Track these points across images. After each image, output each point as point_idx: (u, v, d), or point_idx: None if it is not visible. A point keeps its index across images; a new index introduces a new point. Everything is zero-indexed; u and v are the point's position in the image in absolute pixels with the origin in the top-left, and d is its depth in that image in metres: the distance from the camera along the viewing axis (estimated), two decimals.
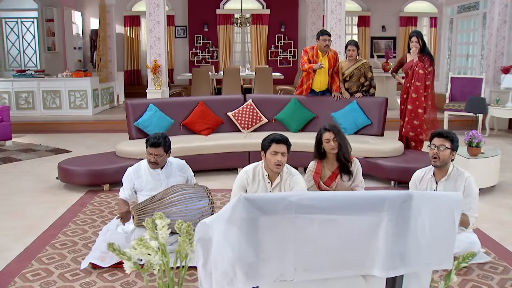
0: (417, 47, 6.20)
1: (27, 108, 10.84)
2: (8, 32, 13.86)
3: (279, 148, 3.65)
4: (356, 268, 1.78)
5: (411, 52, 6.30)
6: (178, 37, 15.34)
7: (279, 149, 3.65)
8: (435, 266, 1.82)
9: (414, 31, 6.37)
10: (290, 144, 3.74)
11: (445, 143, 3.66)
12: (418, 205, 1.73)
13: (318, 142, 4.13)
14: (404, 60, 6.49)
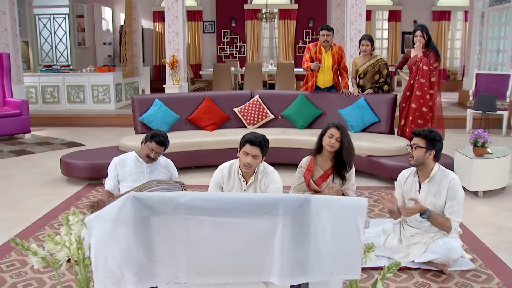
0: (422, 42, 5.92)
1: (52, 102, 11.10)
2: (41, 28, 14.25)
3: (251, 150, 3.53)
4: (253, 274, 1.68)
5: (415, 47, 6.03)
6: (206, 32, 15.38)
7: (251, 151, 3.53)
8: (341, 277, 1.69)
9: (419, 25, 6.08)
10: (265, 147, 3.60)
11: (418, 141, 3.48)
12: (317, 211, 1.61)
13: (321, 134, 3.98)
14: (408, 55, 6.23)
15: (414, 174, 3.64)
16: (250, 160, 3.53)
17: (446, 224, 3.41)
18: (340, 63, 6.60)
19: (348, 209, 1.61)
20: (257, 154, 3.54)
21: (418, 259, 3.44)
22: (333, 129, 3.89)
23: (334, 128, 3.88)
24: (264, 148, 3.57)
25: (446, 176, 3.49)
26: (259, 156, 3.56)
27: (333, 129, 3.88)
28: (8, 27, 9.69)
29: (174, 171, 4.27)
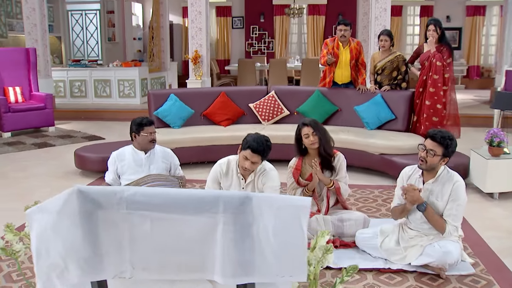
0: (435, 37, 5.70)
1: (80, 96, 11.33)
2: (73, 24, 14.55)
3: (252, 157, 3.48)
4: (197, 272, 1.63)
5: (427, 42, 5.82)
6: (235, 27, 15.38)
7: (251, 158, 3.48)
8: (287, 278, 1.62)
9: (432, 19, 5.87)
10: (267, 154, 3.54)
11: (436, 148, 3.28)
12: (259, 209, 1.55)
13: (297, 138, 3.92)
14: (421, 50, 6.02)
15: (420, 173, 3.49)
16: (249, 166, 3.49)
17: (441, 224, 3.29)
18: (358, 58, 6.46)
19: (291, 208, 1.55)
20: (257, 161, 3.50)
21: (414, 262, 3.32)
22: (305, 128, 3.82)
23: (305, 127, 3.82)
24: (265, 155, 3.52)
25: (451, 178, 3.34)
26: (258, 162, 3.52)
27: (305, 128, 3.82)
28: (37, 23, 9.94)
29: (173, 159, 4.26)
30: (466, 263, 3.40)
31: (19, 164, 6.46)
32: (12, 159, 6.76)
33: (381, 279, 3.24)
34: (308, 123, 3.83)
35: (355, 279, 3.24)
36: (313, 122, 3.85)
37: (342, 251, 3.63)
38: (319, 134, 3.80)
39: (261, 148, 3.46)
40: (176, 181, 3.91)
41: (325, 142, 3.81)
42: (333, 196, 3.95)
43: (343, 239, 3.76)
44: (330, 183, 3.84)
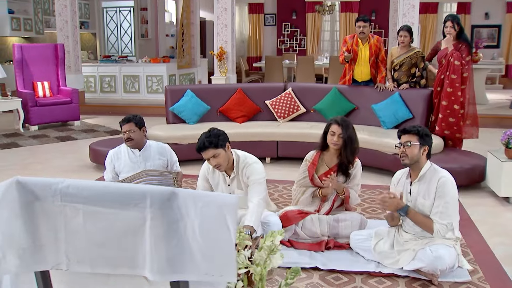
0: (452, 34, 5.46)
1: (109, 91, 11.53)
2: (108, 20, 14.84)
3: (205, 154, 3.39)
4: (128, 267, 1.60)
5: (445, 39, 5.58)
6: (267, 25, 15.32)
7: (206, 155, 3.39)
8: (217, 278, 1.56)
9: (449, 15, 5.62)
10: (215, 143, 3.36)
11: (411, 138, 3.24)
12: (185, 205, 1.50)
13: (325, 131, 3.81)
14: (438, 47, 5.79)
15: (407, 175, 3.39)
16: (214, 162, 3.41)
17: (427, 223, 3.18)
18: (378, 55, 6.29)
19: (216, 206, 1.49)
20: (214, 153, 3.37)
21: (406, 267, 3.19)
22: (334, 125, 3.70)
23: (335, 125, 3.69)
24: (215, 143, 3.36)
25: (436, 174, 3.22)
26: (218, 153, 3.38)
27: (334, 126, 3.70)
28: (68, 20, 10.17)
29: (171, 155, 4.20)
30: (464, 269, 3.24)
31: (40, 156, 6.63)
32: (35, 151, 6.94)
33: (369, 283, 3.13)
34: (340, 122, 3.69)
35: (342, 281, 3.15)
36: (345, 124, 3.69)
37: (335, 253, 3.53)
38: (345, 137, 3.67)
39: (203, 145, 3.34)
40: (170, 176, 3.89)
41: (348, 148, 3.67)
42: (339, 201, 3.84)
43: (338, 240, 3.65)
44: (342, 191, 3.74)
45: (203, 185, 3.69)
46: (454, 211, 3.22)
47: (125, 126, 3.99)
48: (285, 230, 3.66)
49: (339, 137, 3.66)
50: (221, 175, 3.62)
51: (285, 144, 6.16)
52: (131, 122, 3.99)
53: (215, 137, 3.38)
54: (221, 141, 3.40)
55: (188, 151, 5.77)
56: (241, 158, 3.57)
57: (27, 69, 8.53)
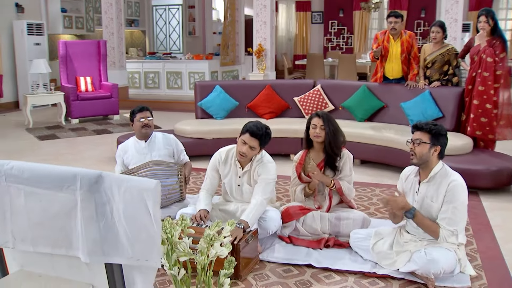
0: (486, 29, 5.16)
1: (153, 87, 11.79)
2: (157, 18, 15.19)
3: (250, 140, 3.41)
4: (66, 248, 1.64)
5: (478, 35, 5.29)
6: (314, 22, 15.18)
7: (249, 142, 3.41)
8: (141, 262, 1.56)
9: (484, 9, 5.31)
10: (265, 140, 3.45)
11: (421, 136, 3.08)
12: (110, 189, 1.51)
13: (307, 127, 3.77)
14: (471, 44, 5.50)
15: (416, 173, 3.24)
16: (246, 150, 3.42)
17: (433, 229, 3.01)
18: (411, 52, 6.08)
19: (137, 191, 1.48)
20: (255, 146, 3.42)
21: (402, 269, 3.06)
22: (315, 118, 3.66)
23: (316, 117, 3.66)
24: (263, 140, 3.44)
25: (447, 177, 3.05)
26: (256, 148, 3.44)
27: (315, 119, 3.66)
28: (113, 17, 10.48)
29: (176, 144, 4.25)
30: (466, 275, 3.07)
31: (74, 148, 6.87)
32: (71, 143, 7.20)
33: (362, 283, 3.03)
34: (321, 114, 3.68)
35: (334, 280, 3.06)
36: (325, 115, 3.68)
37: (333, 251, 3.44)
38: (327, 129, 3.62)
39: (259, 132, 3.39)
40: (175, 167, 3.92)
41: (332, 139, 3.62)
42: (336, 195, 3.75)
43: (339, 239, 3.56)
44: (330, 184, 3.65)
45: (212, 175, 3.69)
46: (462, 217, 3.06)
47: (142, 113, 4.10)
48: (286, 226, 3.63)
49: (321, 128, 3.61)
50: (233, 167, 3.61)
51: None
52: (147, 110, 4.13)
53: (267, 136, 3.46)
54: (265, 142, 3.47)
55: (213, 146, 5.77)
56: (259, 155, 3.55)
57: (71, 64, 8.86)
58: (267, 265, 3.27)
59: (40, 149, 6.72)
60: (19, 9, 10.42)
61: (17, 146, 6.86)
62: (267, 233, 3.46)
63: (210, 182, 3.68)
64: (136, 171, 3.86)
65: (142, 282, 1.66)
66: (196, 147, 6.01)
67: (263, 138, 3.44)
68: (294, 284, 3.02)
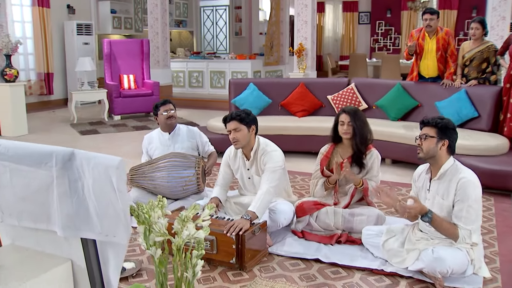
0: None
1: (197, 86, 11.99)
2: (205, 19, 15.43)
3: (229, 126, 3.50)
4: (46, 223, 1.71)
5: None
6: (361, 23, 14.97)
7: (229, 127, 3.50)
8: (110, 238, 1.61)
9: None
10: (244, 118, 3.47)
11: (428, 131, 2.99)
12: (81, 166, 1.56)
13: (335, 123, 3.72)
14: (511, 41, 5.26)
15: (427, 170, 3.14)
16: (233, 135, 3.48)
17: (452, 230, 2.89)
18: (447, 50, 5.89)
19: (103, 168, 1.52)
20: (236, 127, 3.46)
21: (411, 267, 2.98)
22: (343, 115, 3.60)
23: (344, 114, 3.59)
24: (239, 118, 3.47)
25: (457, 174, 2.94)
26: (240, 128, 3.47)
27: (343, 115, 3.59)
28: (158, 17, 10.74)
29: (200, 137, 4.34)
30: (479, 277, 2.95)
31: (112, 142, 7.09)
32: (109, 138, 7.44)
33: (367, 280, 2.97)
34: (348, 110, 3.62)
35: (339, 276, 3.02)
36: (353, 112, 3.62)
37: (344, 247, 3.39)
38: (354, 125, 3.56)
39: (230, 115, 3.48)
40: (193, 159, 3.98)
41: (359, 136, 3.56)
42: (359, 194, 3.69)
43: (352, 235, 3.51)
44: (359, 183, 3.59)
45: (224, 171, 3.74)
46: (478, 215, 2.94)
47: (165, 106, 4.24)
48: (300, 221, 3.61)
49: (349, 125, 3.54)
50: (241, 160, 3.65)
51: None
52: (170, 103, 4.29)
53: (245, 114, 3.49)
54: (247, 120, 3.49)
55: None
56: (261, 145, 3.58)
57: (114, 62, 9.15)
58: (275, 258, 3.27)
59: (78, 143, 6.98)
60: (70, 10, 10.87)
61: (58, 139, 7.15)
62: (278, 226, 3.45)
63: (223, 177, 3.73)
64: (156, 161, 3.95)
65: (114, 258, 1.71)
66: (226, 143, 6.03)
67: (238, 116, 3.47)
68: (299, 278, 3.00)
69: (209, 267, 3.13)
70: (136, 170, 4.00)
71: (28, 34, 10.10)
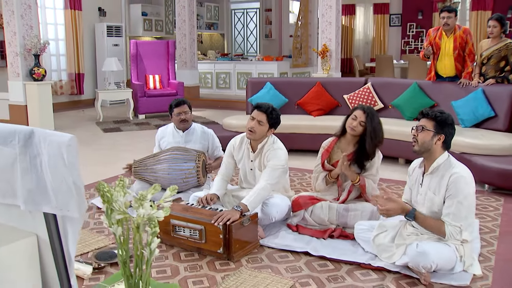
0: None
1: (224, 87, 12.11)
2: (236, 22, 15.58)
3: (257, 115, 3.53)
4: (11, 198, 1.80)
5: None
6: (392, 25, 14.78)
7: (256, 116, 3.53)
8: (64, 212, 1.68)
9: None
10: (273, 116, 3.54)
11: (425, 123, 2.94)
12: (39, 143, 1.63)
13: (347, 116, 3.69)
14: None
15: (421, 164, 3.11)
16: (254, 125, 3.51)
17: (438, 227, 2.85)
18: (465, 49, 5.78)
19: (56, 144, 1.60)
20: (262, 120, 3.51)
21: (398, 262, 2.95)
22: (359, 111, 3.55)
23: (360, 110, 3.55)
24: (270, 116, 3.52)
25: (450, 169, 2.89)
26: (264, 123, 3.51)
27: (359, 111, 3.55)
28: (186, 19, 10.91)
29: (213, 140, 4.37)
30: (468, 274, 2.89)
31: (131, 140, 7.26)
32: (131, 135, 7.61)
33: (354, 274, 2.95)
34: (366, 109, 3.56)
35: (326, 269, 3.01)
36: (371, 112, 3.55)
37: (335, 241, 3.38)
38: (369, 127, 3.51)
39: (266, 106, 3.52)
40: (194, 153, 4.04)
41: (370, 139, 3.51)
42: (356, 191, 3.67)
43: (346, 230, 3.49)
44: (356, 179, 3.58)
45: (227, 161, 3.79)
46: (469, 212, 2.88)
47: (180, 108, 4.26)
48: (295, 215, 3.63)
49: (360, 124, 3.50)
50: (246, 151, 3.69)
51: None
52: (185, 104, 4.29)
53: (274, 112, 3.56)
54: (274, 120, 3.56)
55: None
56: (269, 140, 3.62)
57: (141, 63, 9.36)
58: (266, 250, 3.29)
59: (99, 140, 7.18)
60: (101, 12, 11.19)
61: (81, 136, 7.37)
62: (270, 219, 3.47)
63: (225, 167, 3.77)
64: (159, 154, 4.04)
65: (72, 232, 1.77)
66: None
67: (270, 113, 3.52)
68: (285, 269, 3.01)
69: (199, 256, 3.19)
70: (139, 163, 4.10)
71: (61, 36, 10.46)
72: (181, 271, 3.00)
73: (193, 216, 3.22)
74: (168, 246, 3.35)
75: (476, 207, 4.07)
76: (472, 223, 2.98)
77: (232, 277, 2.88)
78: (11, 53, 7.71)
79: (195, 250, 3.23)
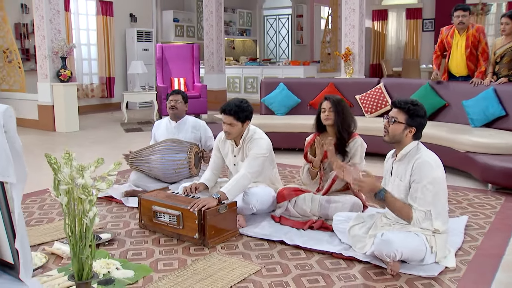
0: None
1: (252, 92, 12.22)
2: (268, 28, 15.71)
3: (225, 118, 3.57)
4: None
5: None
6: (425, 30, 14.53)
7: (225, 120, 3.57)
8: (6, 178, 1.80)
9: None
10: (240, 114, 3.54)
11: (397, 115, 2.94)
12: None
13: (319, 112, 3.77)
14: None
15: (394, 153, 3.11)
16: (227, 128, 3.56)
17: (406, 211, 2.84)
18: (478, 47, 5.66)
19: None
20: (232, 122, 3.54)
21: (368, 251, 2.94)
22: (324, 102, 3.65)
23: (325, 101, 3.64)
24: (237, 115, 3.53)
25: (416, 156, 2.88)
26: (235, 124, 3.55)
27: (325, 102, 3.65)
28: (213, 24, 11.11)
29: (205, 130, 4.48)
30: (439, 266, 2.85)
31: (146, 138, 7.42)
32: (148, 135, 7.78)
33: (323, 263, 2.95)
34: (329, 97, 3.68)
35: (297, 257, 3.03)
36: (335, 98, 3.68)
37: (315, 232, 3.40)
38: (335, 111, 3.60)
39: (229, 108, 3.51)
40: (187, 145, 4.15)
41: (341, 122, 3.59)
42: (341, 182, 3.68)
43: (327, 222, 3.49)
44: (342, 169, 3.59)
45: (215, 155, 3.88)
46: (437, 199, 2.84)
47: (174, 96, 4.47)
48: (280, 206, 3.66)
49: (330, 111, 3.56)
50: (230, 146, 3.76)
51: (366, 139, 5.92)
52: (179, 94, 4.49)
53: (241, 111, 3.55)
54: (243, 117, 3.57)
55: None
56: (250, 132, 3.67)
57: (166, 66, 9.60)
58: (244, 239, 3.34)
59: (118, 138, 7.41)
60: (132, 18, 11.55)
61: (103, 135, 7.63)
62: (251, 208, 3.51)
63: (214, 161, 3.85)
64: (153, 146, 4.18)
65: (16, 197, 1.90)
66: None
67: (235, 113, 3.51)
68: (256, 256, 3.05)
69: (177, 242, 3.27)
70: (135, 153, 4.24)
71: (92, 41, 10.87)
72: (156, 254, 3.09)
73: (172, 202, 3.32)
74: (151, 232, 3.46)
75: (473, 205, 4.05)
76: (444, 213, 2.92)
77: (201, 261, 2.95)
78: (40, 56, 8.08)
79: (175, 236, 3.32)
